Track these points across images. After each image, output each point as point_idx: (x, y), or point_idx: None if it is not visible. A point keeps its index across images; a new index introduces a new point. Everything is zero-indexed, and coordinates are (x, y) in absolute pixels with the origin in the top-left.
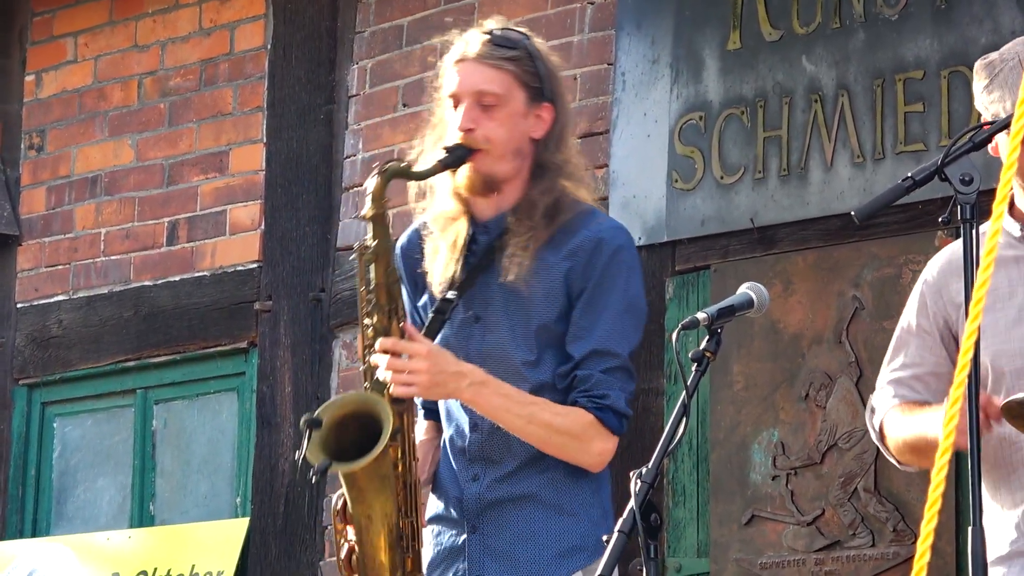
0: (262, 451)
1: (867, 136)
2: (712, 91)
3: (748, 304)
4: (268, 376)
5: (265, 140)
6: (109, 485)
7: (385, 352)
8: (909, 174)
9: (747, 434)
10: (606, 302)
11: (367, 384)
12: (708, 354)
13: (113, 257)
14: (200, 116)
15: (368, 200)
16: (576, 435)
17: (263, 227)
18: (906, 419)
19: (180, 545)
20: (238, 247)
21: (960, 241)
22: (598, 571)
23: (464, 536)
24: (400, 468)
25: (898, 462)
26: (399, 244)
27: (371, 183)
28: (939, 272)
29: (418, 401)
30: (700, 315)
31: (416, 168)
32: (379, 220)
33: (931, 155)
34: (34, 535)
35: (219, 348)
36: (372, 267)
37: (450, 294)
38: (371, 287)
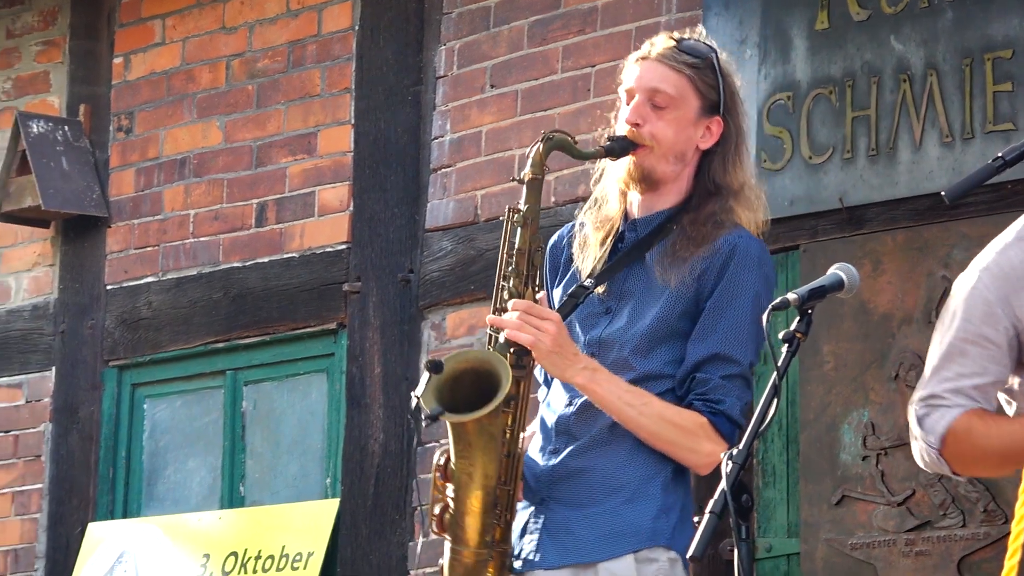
0: (352, 432)
1: (956, 115)
2: (800, 71)
3: (839, 285)
4: (357, 357)
5: (353, 121)
6: (199, 466)
7: (519, 309)
8: (999, 154)
9: (837, 414)
10: (732, 307)
11: (490, 346)
12: (799, 335)
13: (202, 239)
14: (288, 98)
15: (528, 164)
16: (688, 432)
17: (351, 208)
18: (1000, 427)
19: (270, 526)
20: (327, 228)
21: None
22: (690, 552)
23: (532, 508)
24: (508, 435)
25: (958, 472)
26: (554, 238)
27: (534, 148)
28: (1003, 280)
29: (539, 376)
30: (790, 296)
31: (580, 148)
32: (534, 185)
33: (1020, 135)
34: (125, 516)
35: (308, 329)
36: (519, 231)
37: (587, 281)
38: (513, 251)
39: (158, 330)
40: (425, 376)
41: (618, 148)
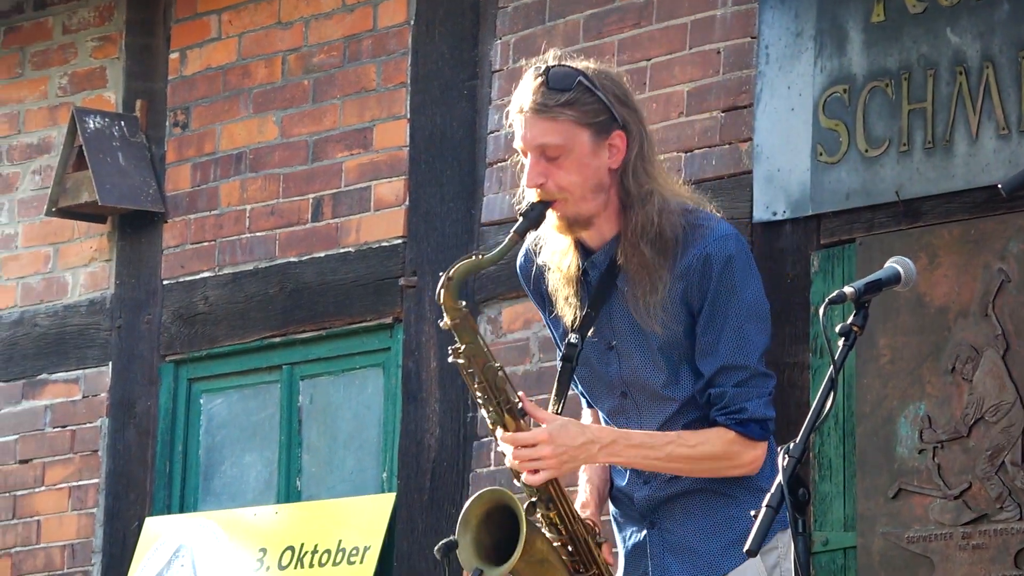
0: (408, 426)
1: (1012, 107)
2: (856, 64)
3: (895, 278)
4: (413, 351)
5: (409, 116)
6: (256, 461)
7: (513, 448)
8: None
9: (893, 408)
10: (725, 316)
11: (513, 476)
12: (855, 328)
13: (258, 234)
14: (344, 92)
15: (444, 312)
16: (720, 456)
17: (407, 203)
18: None
19: (326, 520)
20: (383, 223)
21: None
22: (746, 546)
23: (644, 532)
24: (564, 531)
25: None
26: (517, 265)
27: (439, 294)
28: None
29: (580, 395)
30: (847, 289)
31: (489, 254)
32: (461, 325)
33: None
34: (182, 511)
35: (364, 324)
36: (472, 369)
37: (573, 338)
38: (475, 386)
39: (214, 325)
40: (446, 561)
41: (532, 219)
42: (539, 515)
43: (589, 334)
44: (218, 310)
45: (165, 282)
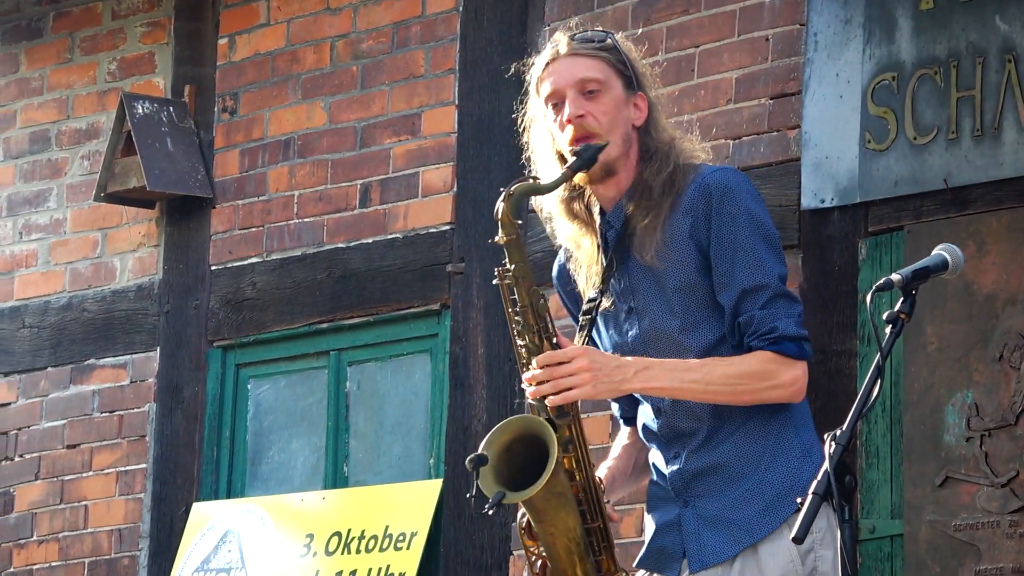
0: (455, 413)
1: None
2: (905, 51)
3: (943, 266)
4: (461, 338)
5: (457, 102)
6: (303, 447)
7: (543, 367)
8: None
9: (941, 395)
10: (733, 242)
11: (530, 403)
12: (903, 316)
13: (306, 219)
14: (392, 79)
15: (499, 227)
16: (759, 375)
17: (455, 189)
18: None
19: (374, 506)
20: (430, 209)
21: None
22: (792, 533)
23: (677, 511)
24: (578, 477)
25: None
26: (555, 270)
27: (499, 208)
28: None
29: (616, 412)
30: (895, 277)
31: (546, 182)
32: (513, 244)
33: None
34: (229, 496)
35: (412, 310)
36: (515, 290)
37: (593, 293)
38: (516, 309)
39: (262, 310)
40: (475, 473)
41: (588, 157)
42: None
43: (607, 305)
44: (266, 296)
45: (213, 268)
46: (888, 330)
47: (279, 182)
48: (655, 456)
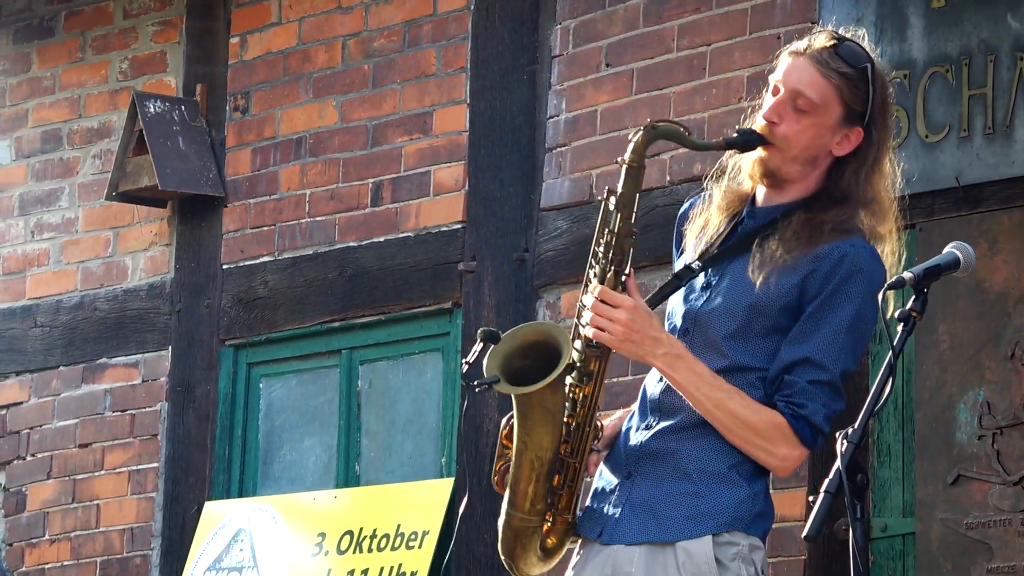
0: (467, 411)
1: None
2: (916, 49)
3: (955, 264)
4: (473, 336)
5: (468, 101)
6: (315, 445)
7: (596, 299)
8: None
9: (952, 394)
10: (834, 315)
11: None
12: (914, 314)
13: (318, 218)
14: (404, 77)
15: (629, 148)
16: (762, 433)
17: (467, 188)
18: None
19: (385, 505)
20: (442, 208)
21: None
22: (804, 531)
23: (618, 481)
24: (579, 411)
25: None
26: (682, 209)
27: (637, 134)
28: None
29: None
30: (906, 275)
31: (695, 138)
32: (633, 172)
33: None
34: (241, 495)
35: (423, 308)
36: (612, 215)
37: (695, 264)
38: (604, 233)
39: (274, 309)
40: (479, 345)
41: (741, 141)
42: (569, 381)
43: (697, 274)
44: (277, 295)
45: (225, 266)
46: (900, 328)
47: (291, 181)
48: (631, 422)
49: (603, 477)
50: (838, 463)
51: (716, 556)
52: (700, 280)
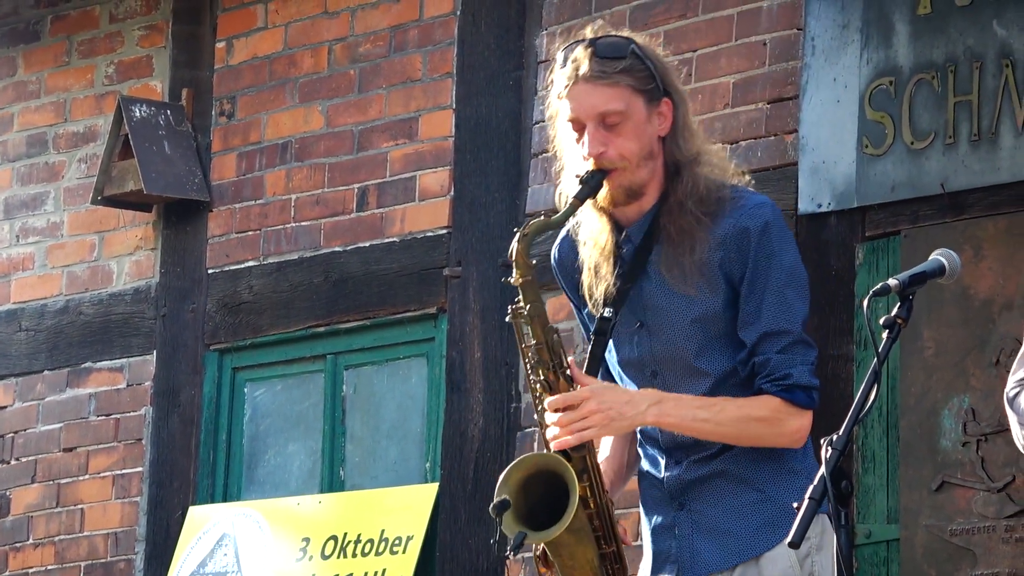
0: (452, 416)
1: None
2: (902, 56)
3: (940, 270)
4: (458, 342)
5: (454, 106)
6: (299, 450)
7: (555, 411)
8: None
9: (937, 400)
10: (765, 283)
11: (546, 439)
12: (899, 321)
13: (303, 223)
14: (390, 82)
15: (514, 268)
16: (768, 420)
17: (452, 193)
18: None
19: (370, 510)
20: (427, 213)
21: None
22: (789, 538)
23: (673, 514)
24: (592, 504)
25: None
26: (553, 256)
27: (513, 249)
28: None
29: None
30: (891, 282)
31: (556, 216)
32: (528, 284)
33: None
34: (225, 500)
35: (409, 314)
36: (529, 328)
37: (607, 312)
38: (530, 345)
39: (259, 314)
40: (498, 520)
41: (591, 188)
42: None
43: (619, 313)
44: (263, 299)
45: (210, 271)
46: (885, 335)
47: (276, 186)
48: (650, 457)
49: (652, 516)
50: (823, 470)
51: (798, 559)
52: (630, 322)
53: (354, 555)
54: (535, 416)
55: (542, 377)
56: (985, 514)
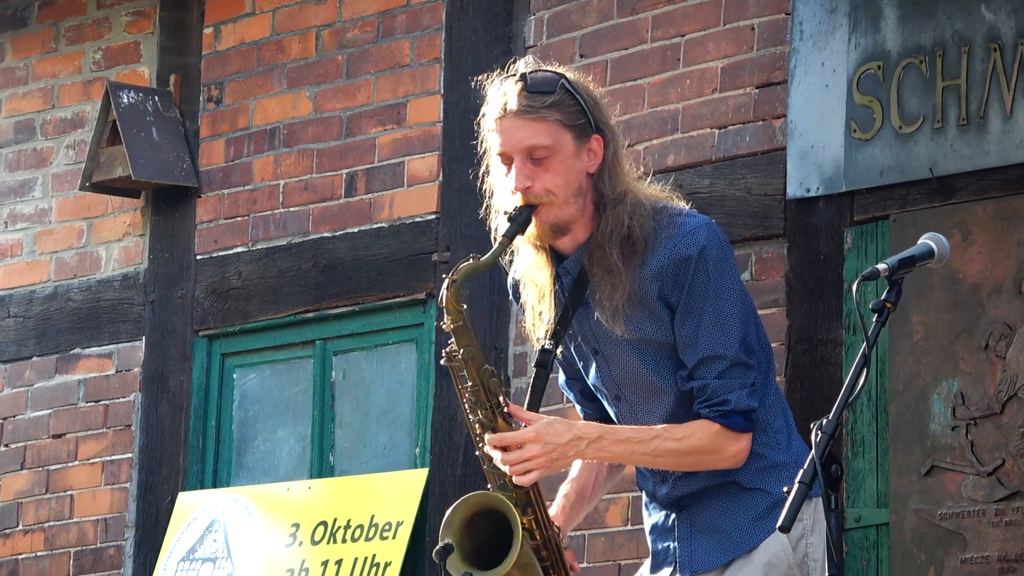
0: (441, 402)
1: None
2: (890, 40)
3: (929, 254)
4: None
5: (442, 92)
6: (289, 436)
7: (495, 448)
8: None
9: (926, 384)
10: (702, 308)
11: (490, 480)
12: (888, 305)
13: (292, 209)
14: (378, 68)
15: (445, 314)
16: (706, 450)
17: (441, 178)
18: None
19: (359, 496)
20: (416, 198)
21: None
22: (779, 522)
23: (673, 515)
24: (539, 536)
25: None
26: (508, 284)
27: (443, 295)
28: None
29: (579, 414)
30: (880, 266)
31: (484, 258)
32: (460, 329)
33: None
34: (215, 486)
35: (397, 299)
36: (465, 371)
37: (547, 344)
38: (467, 387)
39: (248, 300)
40: (442, 565)
41: (519, 223)
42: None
43: (574, 343)
44: (251, 285)
45: (198, 257)
46: (874, 319)
47: (264, 171)
48: (641, 472)
49: (652, 514)
50: (812, 454)
51: (790, 543)
52: (584, 349)
53: (344, 540)
54: (476, 452)
55: (480, 416)
56: (975, 498)
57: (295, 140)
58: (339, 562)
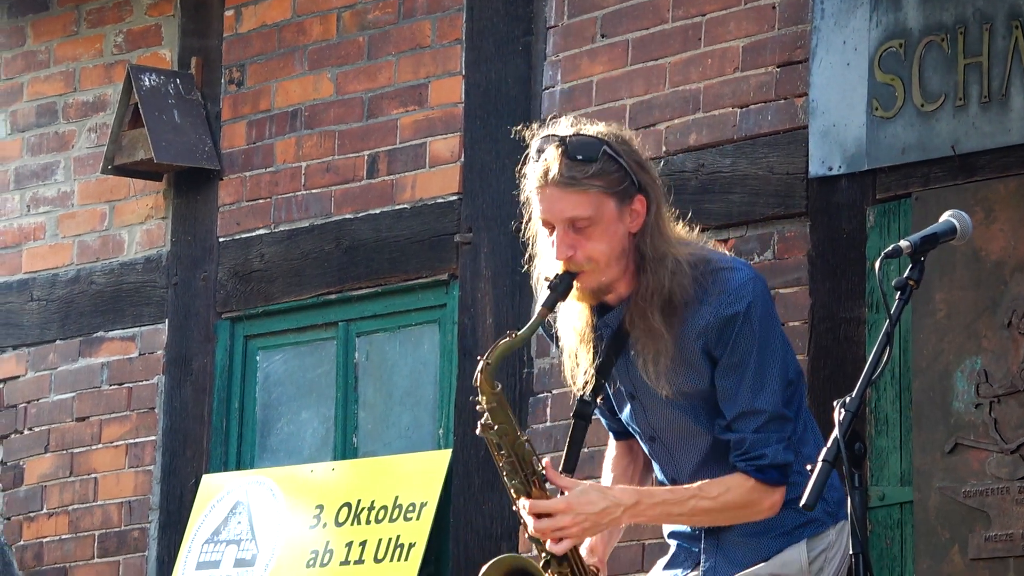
0: (464, 383)
1: None
2: (912, 18)
3: (951, 232)
4: (469, 308)
5: (464, 72)
6: (312, 418)
7: (531, 515)
8: None
9: (949, 362)
10: (744, 364)
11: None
12: (911, 282)
13: (314, 191)
14: (399, 49)
15: (480, 394)
16: (742, 505)
17: (462, 159)
18: None
19: (383, 477)
20: (438, 179)
21: None
22: (803, 500)
23: (701, 531)
24: None
25: None
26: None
27: (477, 377)
28: None
29: (605, 424)
30: (903, 244)
31: (521, 332)
32: (496, 409)
33: None
34: (238, 468)
35: (420, 280)
36: (501, 444)
37: (587, 396)
38: (502, 456)
39: (270, 282)
40: None
41: (560, 291)
42: (552, 573)
43: (614, 386)
44: (274, 267)
45: (221, 239)
46: (897, 297)
47: (286, 153)
48: (661, 480)
49: (677, 540)
50: (836, 432)
51: (808, 556)
52: (622, 396)
53: (368, 522)
54: (510, 494)
55: (516, 483)
56: (999, 475)
57: (317, 122)
58: (363, 543)
